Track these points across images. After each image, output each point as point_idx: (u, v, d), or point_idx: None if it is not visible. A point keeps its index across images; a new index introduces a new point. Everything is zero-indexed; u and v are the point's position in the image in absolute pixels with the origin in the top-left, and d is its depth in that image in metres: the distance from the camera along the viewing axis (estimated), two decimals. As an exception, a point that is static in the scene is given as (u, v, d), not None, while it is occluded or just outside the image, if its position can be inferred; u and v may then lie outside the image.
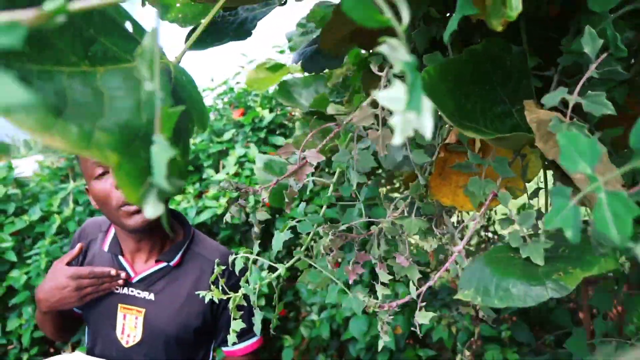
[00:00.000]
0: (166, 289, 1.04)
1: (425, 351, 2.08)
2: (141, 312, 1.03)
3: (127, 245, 1.07)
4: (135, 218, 0.96)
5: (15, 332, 2.26)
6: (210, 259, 1.08)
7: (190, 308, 1.04)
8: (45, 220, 2.40)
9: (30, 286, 2.25)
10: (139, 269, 1.06)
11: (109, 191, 0.96)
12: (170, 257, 1.05)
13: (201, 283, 1.05)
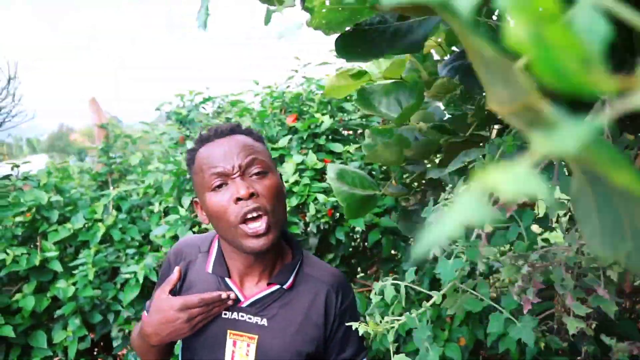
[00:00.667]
0: (280, 313, 0.98)
1: None
2: (254, 339, 0.97)
3: (235, 266, 1.00)
4: (258, 240, 0.90)
5: (60, 344, 2.21)
6: (322, 281, 1.02)
7: (305, 334, 0.98)
8: (89, 228, 2.34)
9: (77, 297, 2.20)
10: (249, 293, 0.99)
11: (227, 206, 0.89)
12: (284, 280, 0.99)
13: (315, 306, 0.99)
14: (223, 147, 0.93)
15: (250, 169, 0.92)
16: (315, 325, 0.99)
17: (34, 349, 2.20)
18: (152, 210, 2.39)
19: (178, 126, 2.51)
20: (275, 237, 0.92)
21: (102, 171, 2.59)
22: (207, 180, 0.91)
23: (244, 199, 0.88)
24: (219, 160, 0.91)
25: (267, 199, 0.91)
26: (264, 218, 0.90)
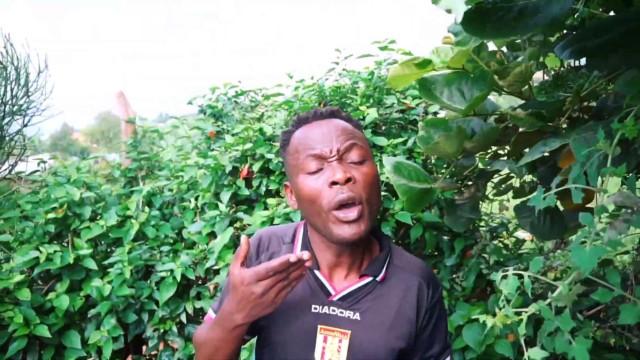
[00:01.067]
0: (372, 307, 0.93)
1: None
2: (346, 334, 0.92)
3: (324, 257, 0.95)
4: (350, 228, 0.85)
5: (94, 344, 2.17)
6: (413, 273, 0.98)
7: (398, 329, 0.93)
8: (122, 225, 2.30)
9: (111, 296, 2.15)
10: (340, 286, 0.94)
11: (321, 189, 0.85)
12: (376, 272, 0.94)
13: (407, 300, 0.95)
14: (322, 130, 0.88)
15: (349, 154, 0.88)
16: (408, 319, 0.94)
17: (68, 349, 2.16)
18: (184, 207, 2.35)
19: (212, 120, 2.46)
20: (367, 228, 0.87)
21: (132, 167, 2.55)
22: (303, 162, 0.87)
23: (340, 183, 0.84)
24: (316, 143, 0.87)
25: (363, 187, 0.87)
26: (358, 207, 0.85)
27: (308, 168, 0.87)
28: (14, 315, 1.98)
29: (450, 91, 1.49)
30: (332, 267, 0.95)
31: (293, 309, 0.94)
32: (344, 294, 0.93)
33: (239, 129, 2.18)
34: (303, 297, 0.94)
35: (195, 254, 2.19)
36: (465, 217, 1.96)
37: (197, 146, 2.49)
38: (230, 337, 0.89)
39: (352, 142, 0.88)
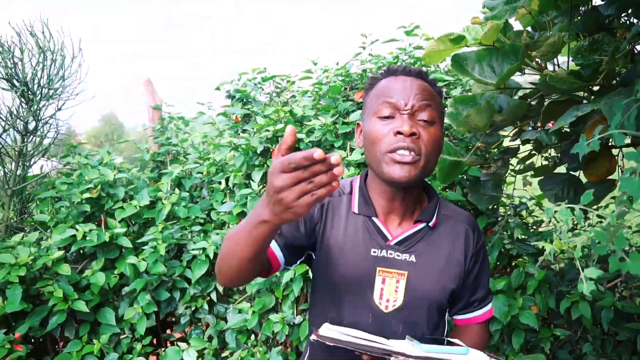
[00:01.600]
0: (426, 251, 1.03)
1: (561, 331, 2.08)
2: (403, 275, 1.01)
3: (379, 204, 1.03)
4: (401, 168, 0.94)
5: (127, 321, 2.26)
6: (460, 221, 1.07)
7: (449, 270, 1.03)
8: (153, 206, 2.40)
9: (145, 274, 2.25)
10: (395, 232, 1.04)
11: (385, 134, 0.95)
12: (428, 218, 1.04)
13: (456, 244, 1.04)
14: (405, 84, 0.97)
15: (421, 113, 0.96)
16: (458, 262, 1.04)
17: (102, 325, 2.25)
18: (213, 189, 2.45)
19: (240, 104, 2.57)
20: (417, 176, 0.96)
21: (161, 151, 2.65)
22: (379, 106, 0.97)
23: (404, 134, 0.93)
24: (396, 93, 0.96)
25: (425, 144, 0.95)
26: (413, 154, 0.94)
27: (381, 112, 0.96)
28: (53, 290, 2.08)
29: (481, 66, 1.58)
30: (387, 214, 1.04)
31: (353, 253, 1.03)
32: (400, 239, 1.03)
33: (270, 111, 2.29)
34: (362, 241, 1.03)
35: (225, 233, 2.29)
36: (488, 195, 2.06)
37: (222, 132, 2.59)
38: (252, 233, 0.81)
39: (427, 102, 0.97)
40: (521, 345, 2.04)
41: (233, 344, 2.22)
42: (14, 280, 2.00)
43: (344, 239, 1.03)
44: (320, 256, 1.04)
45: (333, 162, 0.68)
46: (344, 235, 1.04)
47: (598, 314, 2.01)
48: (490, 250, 2.18)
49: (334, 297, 1.05)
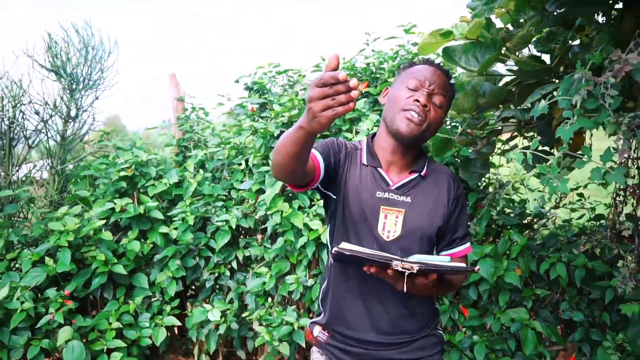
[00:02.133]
0: (419, 194, 1.35)
1: (542, 290, 2.40)
2: (401, 212, 1.33)
3: (383, 157, 1.35)
4: (408, 125, 1.27)
5: (158, 285, 2.59)
6: (444, 173, 1.39)
7: (436, 211, 1.35)
8: (180, 185, 2.74)
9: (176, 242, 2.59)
10: (395, 180, 1.36)
11: (405, 98, 1.27)
12: (421, 169, 1.36)
13: (441, 191, 1.36)
14: (433, 73, 1.31)
15: (436, 97, 1.29)
16: (442, 204, 1.36)
17: (136, 288, 2.58)
18: (233, 170, 2.79)
19: (258, 95, 2.91)
20: (418, 135, 1.28)
21: (185, 137, 2.99)
22: (409, 80, 1.29)
23: (420, 102, 1.26)
24: (424, 75, 1.29)
25: (431, 117, 1.28)
26: (421, 118, 1.27)
27: (409, 84, 1.28)
28: (96, 255, 2.41)
29: (467, 57, 1.91)
30: (389, 166, 1.37)
31: (363, 195, 1.35)
32: (399, 185, 1.35)
33: (285, 99, 2.63)
34: (370, 186, 1.36)
35: (245, 209, 2.62)
36: (477, 172, 2.39)
37: (239, 121, 2.93)
38: (293, 136, 1.01)
39: (443, 92, 1.30)
40: (506, 303, 2.38)
41: (252, 305, 2.55)
42: (64, 245, 2.34)
43: (357, 184, 1.36)
44: (339, 195, 1.36)
45: (352, 85, 0.86)
46: (358, 181, 1.37)
47: (573, 275, 2.33)
48: (480, 221, 2.51)
49: (348, 229, 1.37)
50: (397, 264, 1.11)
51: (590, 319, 2.35)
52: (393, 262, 1.12)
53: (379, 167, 1.36)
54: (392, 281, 1.17)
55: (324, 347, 1.39)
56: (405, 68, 1.38)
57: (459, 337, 2.44)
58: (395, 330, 1.33)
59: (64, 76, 2.52)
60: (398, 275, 1.13)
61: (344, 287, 1.36)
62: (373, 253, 1.14)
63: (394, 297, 1.33)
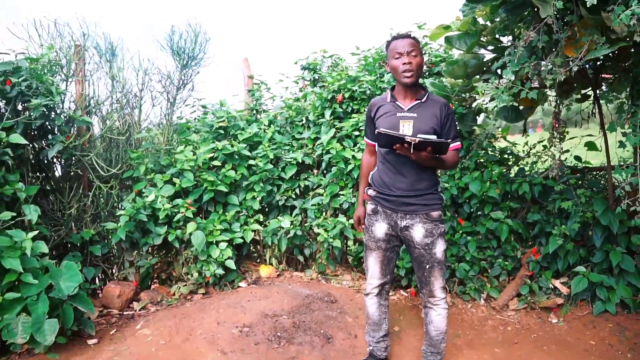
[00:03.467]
0: (421, 111, 2.51)
1: (514, 203, 3.65)
2: (411, 121, 2.51)
3: (399, 95, 2.54)
4: (407, 78, 2.43)
5: (244, 203, 3.83)
6: (438, 101, 2.56)
7: (432, 121, 2.48)
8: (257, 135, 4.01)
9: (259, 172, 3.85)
10: (406, 105, 2.54)
11: (399, 65, 2.39)
12: (421, 98, 2.54)
13: (436, 111, 2.52)
14: (404, 42, 2.46)
15: (412, 53, 2.47)
16: (436, 117, 2.52)
17: (229, 205, 3.83)
18: (294, 125, 4.06)
19: (312, 72, 4.18)
20: (414, 79, 2.45)
21: (257, 102, 4.26)
22: (393, 52, 2.46)
23: (406, 63, 2.48)
24: (400, 45, 2.43)
25: (414, 64, 2.47)
26: (412, 72, 2.48)
27: (395, 55, 2.45)
28: (207, 177, 3.65)
29: (460, 42, 3.16)
30: (402, 99, 2.56)
31: (389, 115, 2.55)
32: (408, 107, 2.56)
33: (335, 73, 3.90)
34: (392, 110, 2.56)
35: (305, 151, 3.88)
36: (468, 124, 3.65)
37: (301, 90, 4.20)
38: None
39: (414, 48, 2.44)
40: (490, 211, 3.62)
41: (312, 216, 3.80)
42: (187, 169, 3.59)
43: (386, 111, 2.58)
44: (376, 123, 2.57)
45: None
46: (386, 110, 2.58)
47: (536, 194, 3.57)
48: (470, 159, 3.75)
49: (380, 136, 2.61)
50: (407, 139, 2.26)
51: (545, 219, 3.59)
52: (406, 138, 2.30)
53: (397, 101, 2.57)
54: (407, 153, 2.37)
55: (374, 198, 2.62)
56: (388, 45, 2.52)
57: (457, 237, 3.69)
58: (411, 188, 2.48)
59: (178, 53, 3.76)
60: (409, 149, 2.32)
61: (384, 167, 2.55)
62: (396, 133, 2.33)
63: (411, 169, 2.46)
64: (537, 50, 2.38)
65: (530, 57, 2.39)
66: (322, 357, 2.92)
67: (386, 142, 2.26)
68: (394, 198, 2.48)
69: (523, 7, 2.42)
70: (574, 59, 2.18)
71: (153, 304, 3.47)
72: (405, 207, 2.48)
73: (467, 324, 3.45)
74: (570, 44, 2.28)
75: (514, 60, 2.41)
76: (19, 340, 2.60)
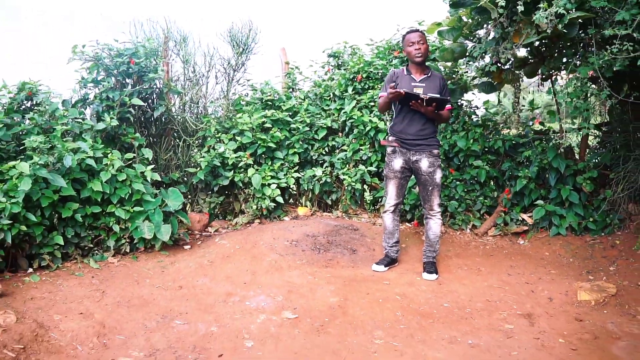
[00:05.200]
0: (428, 82, 3.86)
1: (492, 156, 5.05)
2: (422, 87, 3.89)
3: (413, 69, 3.91)
4: (419, 58, 3.86)
5: (286, 158, 5.23)
6: (438, 76, 3.94)
7: (436, 88, 3.85)
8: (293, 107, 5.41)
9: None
10: (417, 78, 3.93)
11: (412, 50, 3.79)
12: (428, 73, 3.91)
13: (437, 80, 3.87)
14: (414, 34, 3.85)
15: (419, 42, 3.88)
16: (437, 86, 3.91)
17: (275, 159, 5.22)
18: (323, 99, 5.46)
19: (336, 60, 5.61)
20: (423, 59, 3.84)
21: (293, 83, 5.65)
22: (408, 43, 3.86)
23: (417, 48, 3.89)
24: (413, 37, 3.82)
25: (423, 49, 3.89)
26: (421, 54, 3.89)
27: (409, 43, 3.83)
28: (260, 136, 5.04)
29: (448, 35, 4.56)
30: (415, 73, 3.97)
31: (405, 84, 3.96)
32: (420, 79, 3.93)
33: (355, 59, 5.30)
34: (408, 80, 3.95)
35: (333, 119, 5.28)
36: (457, 96, 5.06)
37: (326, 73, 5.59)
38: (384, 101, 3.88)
39: (422, 38, 3.84)
40: (473, 162, 5.01)
41: (338, 166, 5.19)
42: (246, 129, 4.99)
43: (402, 82, 3.99)
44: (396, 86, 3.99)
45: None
46: (403, 80, 4.00)
47: (507, 148, 4.96)
48: (458, 124, 5.14)
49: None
50: (421, 96, 3.73)
51: (515, 167, 4.97)
52: (420, 94, 3.75)
53: (411, 74, 4.00)
54: (418, 107, 3.79)
55: (394, 141, 4.03)
56: (405, 36, 3.92)
57: (449, 182, 5.07)
58: (419, 134, 3.89)
59: (236, 43, 5.15)
60: (421, 104, 3.77)
61: (400, 117, 3.96)
62: (413, 92, 3.77)
63: (419, 120, 3.88)
64: (496, 38, 3.78)
65: (491, 44, 3.79)
66: (350, 260, 4.30)
67: (405, 100, 3.64)
68: (408, 140, 3.86)
69: (486, 10, 3.81)
70: (518, 44, 3.58)
71: (223, 229, 4.87)
72: (415, 146, 3.84)
73: (456, 244, 4.83)
74: (516, 34, 3.67)
75: (482, 46, 3.82)
76: (147, 236, 3.99)
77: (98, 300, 3.34)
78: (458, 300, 3.59)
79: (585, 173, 4.61)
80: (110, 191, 3.94)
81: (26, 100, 4.18)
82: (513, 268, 4.24)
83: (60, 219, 3.79)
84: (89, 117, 4.27)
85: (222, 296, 3.48)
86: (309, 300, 3.48)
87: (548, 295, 3.69)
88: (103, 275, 3.76)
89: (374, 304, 3.43)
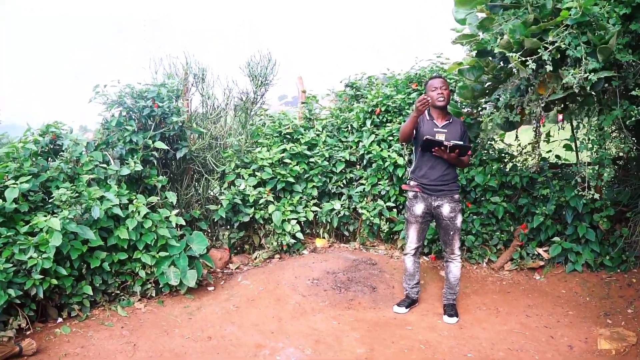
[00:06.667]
0: (450, 128, 3.90)
1: (508, 190, 5.09)
2: (444, 134, 3.95)
3: (435, 114, 3.96)
4: (441, 102, 3.88)
5: (305, 191, 5.27)
6: (458, 122, 4.02)
7: (456, 134, 3.91)
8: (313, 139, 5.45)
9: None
10: (440, 124, 3.96)
11: (434, 95, 3.81)
12: (449, 119, 3.95)
13: (458, 127, 3.95)
14: (437, 81, 3.90)
15: (442, 88, 3.90)
16: (458, 132, 3.95)
17: (294, 192, 5.25)
18: (341, 131, 5.48)
19: (354, 90, 5.62)
20: (445, 104, 3.87)
21: (310, 114, 5.68)
22: (431, 88, 3.88)
23: (439, 94, 3.91)
24: (434, 84, 3.87)
25: (444, 97, 3.91)
26: (443, 98, 3.92)
27: (431, 88, 3.86)
28: (279, 171, 5.07)
29: (468, 73, 4.58)
30: (437, 119, 4.01)
31: (427, 131, 4.01)
32: (442, 125, 3.98)
33: (373, 92, 5.33)
34: (431, 126, 3.99)
35: (351, 152, 5.31)
36: (475, 131, 5.08)
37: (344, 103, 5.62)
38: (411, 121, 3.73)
39: (444, 84, 3.88)
40: (490, 197, 5.05)
41: (356, 200, 5.23)
42: (266, 165, 5.01)
43: (425, 127, 4.01)
44: (418, 133, 3.98)
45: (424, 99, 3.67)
46: (426, 126, 4.02)
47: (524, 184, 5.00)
48: (475, 158, 5.18)
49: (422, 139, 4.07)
50: (445, 143, 3.76)
51: (531, 203, 5.02)
52: (444, 142, 3.78)
53: (433, 119, 4.03)
54: (441, 154, 3.84)
55: (415, 186, 4.06)
56: (427, 82, 3.97)
57: (466, 216, 5.12)
58: (441, 179, 3.94)
59: (254, 75, 5.16)
60: (444, 151, 3.81)
61: (422, 162, 4.01)
62: (436, 139, 3.80)
63: (441, 166, 3.93)
64: (520, 89, 3.80)
65: (516, 93, 3.81)
66: (372, 300, 4.36)
67: (427, 146, 3.67)
68: (430, 186, 3.89)
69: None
70: (543, 97, 3.61)
71: (244, 265, 4.92)
72: (437, 192, 3.88)
73: (473, 280, 4.89)
74: (542, 85, 3.70)
75: (506, 94, 3.84)
76: (173, 282, 4.03)
77: (131, 355, 3.39)
78: (480, 348, 3.65)
79: (603, 211, 4.65)
80: (136, 238, 3.97)
81: (50, 144, 4.19)
82: (531, 308, 4.30)
83: (88, 269, 3.83)
84: (111, 159, 4.28)
85: (252, 349, 3.53)
86: (336, 352, 3.53)
87: (568, 342, 3.74)
88: (132, 325, 3.80)
89: (400, 355, 3.49)
